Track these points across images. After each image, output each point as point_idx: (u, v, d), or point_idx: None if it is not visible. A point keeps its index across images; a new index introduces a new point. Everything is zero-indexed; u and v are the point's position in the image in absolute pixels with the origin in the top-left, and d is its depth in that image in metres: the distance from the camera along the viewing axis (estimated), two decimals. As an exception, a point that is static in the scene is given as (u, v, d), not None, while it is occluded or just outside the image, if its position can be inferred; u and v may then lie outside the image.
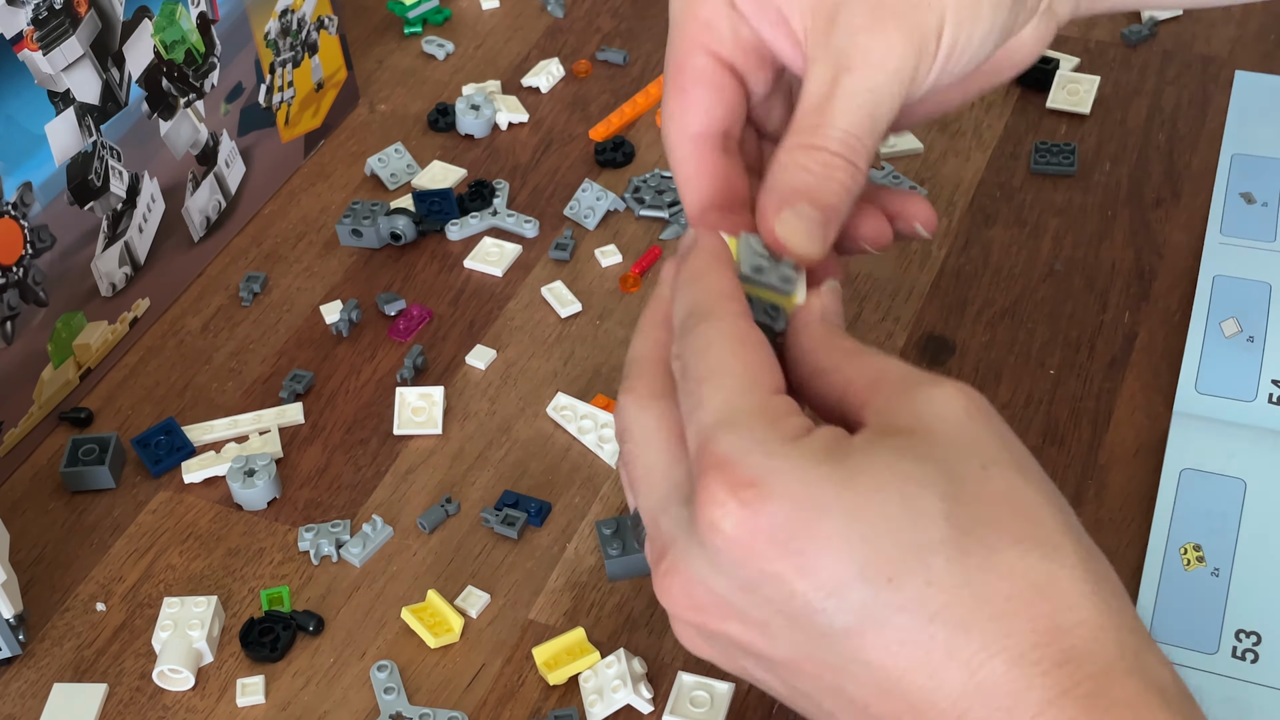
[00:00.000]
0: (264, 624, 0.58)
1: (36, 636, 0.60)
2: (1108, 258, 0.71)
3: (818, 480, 0.40)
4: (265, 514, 0.63)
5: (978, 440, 0.42)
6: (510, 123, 0.81)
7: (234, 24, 0.73)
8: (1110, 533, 0.59)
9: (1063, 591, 0.40)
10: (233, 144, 0.75)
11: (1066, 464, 0.62)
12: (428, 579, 0.60)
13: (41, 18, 0.61)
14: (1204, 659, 0.54)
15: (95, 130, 0.65)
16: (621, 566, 0.57)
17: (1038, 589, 0.39)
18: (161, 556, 0.62)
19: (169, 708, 0.57)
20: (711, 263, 0.47)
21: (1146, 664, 0.39)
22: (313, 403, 0.68)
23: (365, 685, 0.57)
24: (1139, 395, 0.64)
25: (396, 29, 0.90)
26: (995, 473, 0.41)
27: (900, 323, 0.68)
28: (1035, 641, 0.39)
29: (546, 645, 0.56)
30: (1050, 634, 0.39)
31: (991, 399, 0.64)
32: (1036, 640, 0.39)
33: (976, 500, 0.41)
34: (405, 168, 0.79)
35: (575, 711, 0.55)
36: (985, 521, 0.40)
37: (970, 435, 0.42)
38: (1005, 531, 0.40)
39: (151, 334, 0.72)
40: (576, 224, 0.75)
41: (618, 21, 0.89)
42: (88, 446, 0.65)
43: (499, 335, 0.70)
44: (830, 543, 0.40)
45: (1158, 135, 0.77)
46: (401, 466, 0.65)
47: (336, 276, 0.74)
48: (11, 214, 0.62)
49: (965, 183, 0.75)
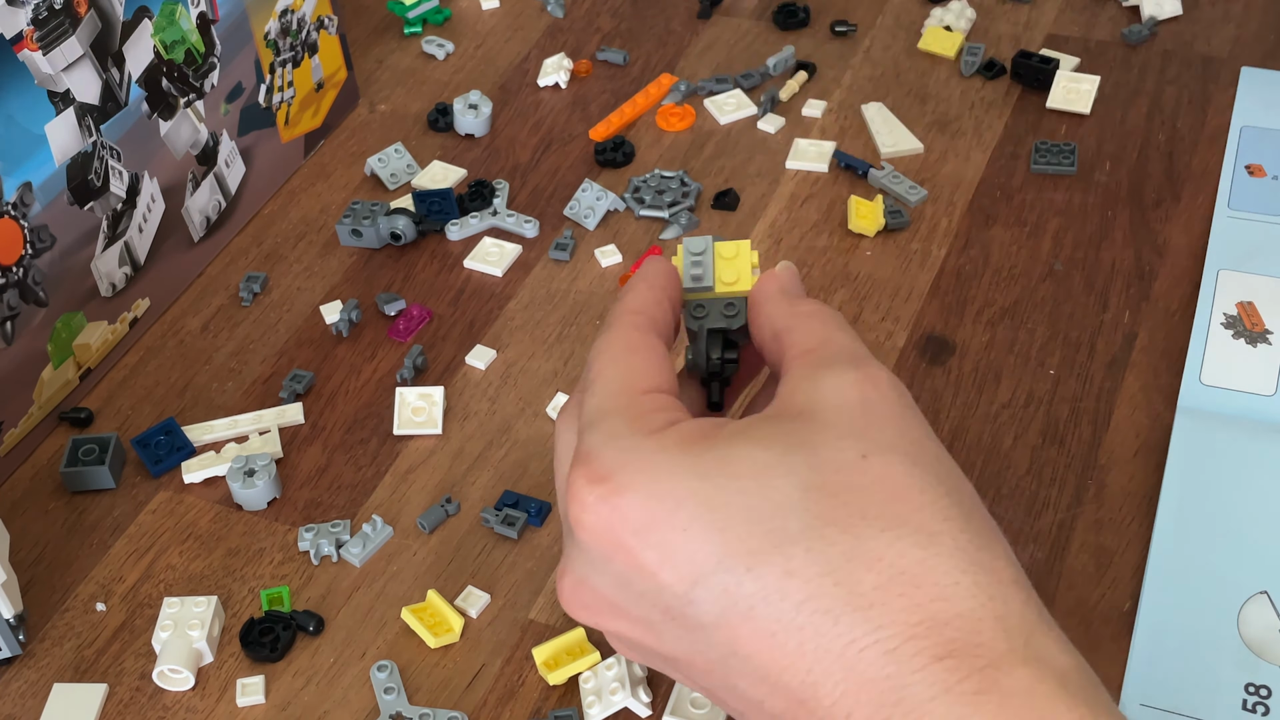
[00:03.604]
0: (264, 624, 0.58)
1: (36, 636, 0.60)
2: (1108, 258, 0.71)
3: (672, 471, 0.41)
4: (265, 514, 0.63)
5: (867, 428, 0.42)
6: None
7: (234, 24, 0.73)
8: (1110, 533, 0.59)
9: (936, 581, 0.38)
10: (233, 144, 0.75)
11: (1066, 464, 0.62)
12: (428, 579, 0.60)
13: (41, 18, 0.61)
14: (1204, 659, 0.54)
15: (95, 130, 0.65)
16: None
17: (908, 578, 0.38)
18: (161, 556, 0.62)
19: (169, 708, 0.57)
20: (635, 281, 0.49)
21: (1041, 651, 0.38)
22: (313, 403, 0.68)
23: (365, 685, 0.57)
24: (1139, 395, 0.64)
25: (396, 29, 0.90)
26: (876, 460, 0.41)
27: (900, 323, 0.68)
28: (910, 634, 0.38)
29: (546, 645, 0.56)
30: (926, 625, 0.38)
31: (991, 399, 0.64)
32: (912, 632, 0.38)
33: (846, 489, 0.40)
34: (405, 168, 0.79)
35: (575, 712, 0.55)
36: (852, 510, 0.39)
37: (859, 423, 0.42)
38: (873, 520, 0.39)
39: (151, 334, 0.72)
40: (576, 224, 0.75)
41: (618, 21, 0.89)
42: (88, 446, 0.65)
43: (499, 335, 0.70)
44: (687, 533, 0.40)
45: (1158, 135, 0.77)
46: (401, 466, 0.65)
47: (336, 276, 0.74)
48: (11, 214, 0.62)
49: (965, 183, 0.75)
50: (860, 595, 0.38)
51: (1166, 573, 0.56)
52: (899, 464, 0.41)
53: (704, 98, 0.82)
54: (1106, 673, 0.54)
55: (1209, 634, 0.54)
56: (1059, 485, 0.61)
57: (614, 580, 0.42)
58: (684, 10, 0.89)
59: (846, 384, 0.43)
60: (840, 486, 0.40)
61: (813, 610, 0.38)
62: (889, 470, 0.41)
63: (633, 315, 0.47)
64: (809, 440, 0.41)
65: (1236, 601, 0.55)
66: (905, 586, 0.38)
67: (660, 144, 0.79)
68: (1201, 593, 0.55)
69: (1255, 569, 0.56)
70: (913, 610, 0.38)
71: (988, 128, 0.78)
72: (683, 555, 0.40)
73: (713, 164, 0.78)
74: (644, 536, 0.40)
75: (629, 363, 0.45)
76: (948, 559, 0.39)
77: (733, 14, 0.88)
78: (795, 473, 0.40)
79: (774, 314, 0.48)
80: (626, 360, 0.45)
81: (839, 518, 0.39)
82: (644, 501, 0.40)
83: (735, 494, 0.40)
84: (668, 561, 0.40)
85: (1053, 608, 0.56)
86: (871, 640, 0.38)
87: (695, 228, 0.74)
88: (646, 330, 0.47)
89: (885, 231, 0.73)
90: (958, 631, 0.38)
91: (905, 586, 0.38)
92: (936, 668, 0.37)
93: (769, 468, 0.40)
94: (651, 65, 0.85)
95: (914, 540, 0.39)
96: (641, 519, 0.40)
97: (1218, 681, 0.53)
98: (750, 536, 0.39)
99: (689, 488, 0.40)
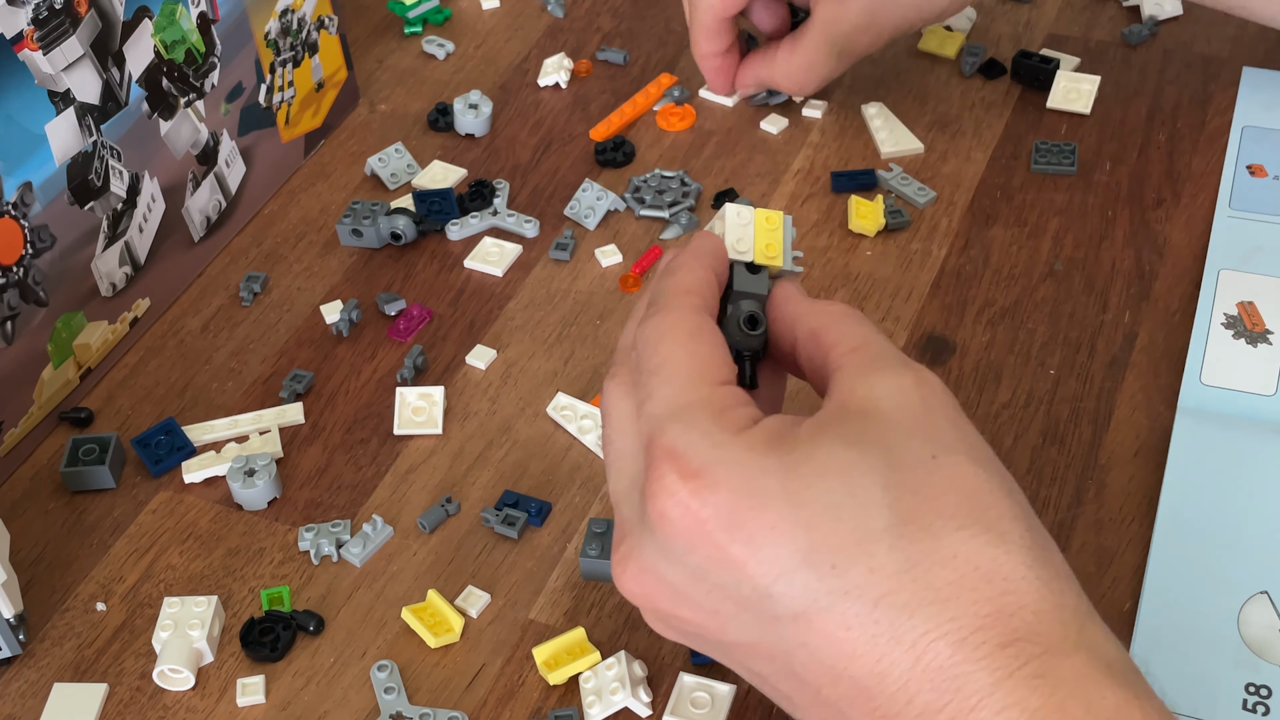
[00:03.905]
0: (264, 624, 0.58)
1: (36, 636, 0.60)
2: (1108, 258, 0.71)
3: (762, 470, 0.42)
4: (265, 514, 0.63)
5: (931, 428, 0.43)
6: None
7: (234, 24, 0.73)
8: (1110, 533, 0.59)
9: (1006, 576, 0.40)
10: (233, 144, 0.75)
11: (1066, 464, 0.62)
12: (428, 579, 0.60)
13: (41, 18, 0.61)
14: (1204, 659, 0.54)
15: (95, 130, 0.65)
16: (594, 567, 0.58)
17: (981, 574, 0.40)
18: (161, 556, 0.62)
19: (169, 708, 0.57)
20: (689, 259, 0.49)
21: (1092, 640, 0.40)
22: (313, 403, 0.68)
23: (365, 685, 0.57)
24: (1139, 395, 0.64)
25: (396, 29, 0.90)
26: (945, 460, 0.42)
27: (900, 323, 0.68)
28: (979, 625, 0.39)
29: (547, 645, 0.56)
30: (994, 617, 0.40)
31: (991, 399, 0.64)
32: (980, 623, 0.39)
33: (922, 488, 0.41)
34: (405, 167, 0.79)
35: (575, 712, 0.55)
36: (930, 508, 0.41)
37: (924, 423, 0.43)
38: (950, 518, 0.41)
39: (151, 334, 0.72)
40: (576, 224, 0.75)
41: (618, 21, 0.89)
42: (88, 446, 0.65)
43: (499, 335, 0.70)
44: (774, 530, 0.41)
45: (1158, 135, 0.77)
46: (401, 466, 0.65)
47: (336, 276, 0.74)
48: (11, 214, 0.62)
49: (965, 182, 0.75)
50: (936, 590, 0.40)
51: (1166, 573, 0.56)
52: (966, 464, 0.43)
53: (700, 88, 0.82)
54: (1107, 673, 0.54)
55: (1209, 634, 0.54)
56: (1059, 485, 0.61)
57: (690, 571, 0.43)
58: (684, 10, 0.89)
59: (906, 384, 0.44)
60: (916, 485, 0.42)
61: (890, 605, 0.40)
62: (958, 470, 0.42)
63: (690, 296, 0.47)
64: (882, 438, 0.43)
65: (1236, 601, 0.55)
66: (978, 581, 0.40)
67: (660, 144, 0.79)
68: (1201, 593, 0.55)
69: (1255, 569, 0.56)
70: (984, 603, 0.40)
71: (988, 128, 0.78)
72: (769, 551, 0.41)
73: (713, 164, 0.78)
74: (733, 532, 0.41)
75: (696, 350, 0.45)
76: (1016, 555, 0.41)
77: (733, 14, 0.88)
78: (875, 470, 0.42)
79: (804, 312, 0.48)
80: (692, 347, 0.45)
81: (918, 515, 0.41)
82: (734, 499, 0.41)
83: (821, 492, 0.41)
84: (754, 557, 0.41)
85: (1053, 608, 0.57)
86: (942, 631, 0.40)
87: (695, 228, 0.74)
88: (704, 314, 0.47)
89: (885, 231, 0.73)
90: (1021, 622, 0.40)
91: (978, 581, 0.40)
92: (1000, 655, 0.39)
93: (852, 466, 0.42)
94: (651, 65, 0.85)
95: (987, 539, 0.41)
96: (732, 515, 0.41)
97: (1218, 681, 0.53)
98: (835, 534, 0.41)
99: (777, 486, 0.41)
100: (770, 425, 0.44)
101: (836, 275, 0.71)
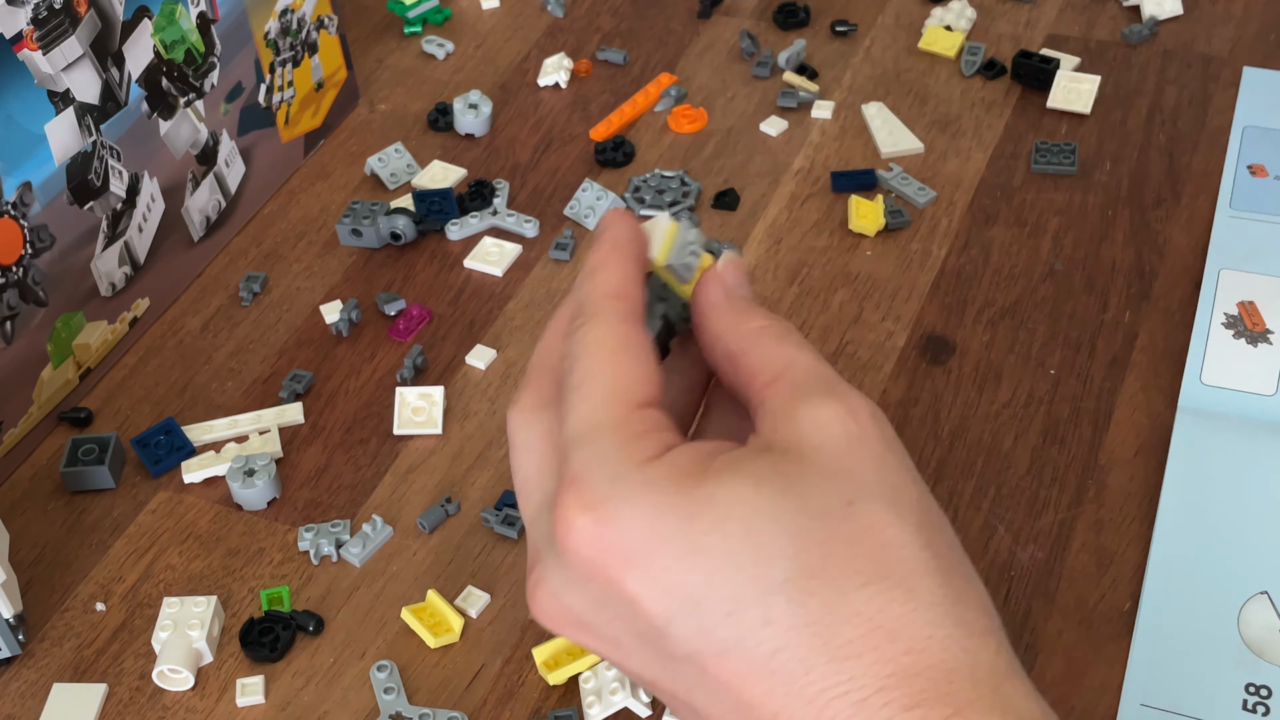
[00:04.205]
0: (264, 624, 0.58)
1: (36, 636, 0.60)
2: (1108, 257, 0.71)
3: (660, 509, 0.40)
4: (265, 514, 0.63)
5: (853, 469, 0.41)
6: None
7: (234, 24, 0.73)
8: (1110, 533, 0.59)
9: (912, 635, 0.39)
10: (233, 144, 0.75)
11: (1066, 464, 0.62)
12: (428, 579, 0.60)
13: (41, 17, 0.61)
14: (1204, 659, 0.54)
15: (95, 130, 0.65)
16: None
17: (884, 633, 0.39)
18: (161, 556, 0.62)
19: (169, 708, 0.57)
20: (609, 255, 0.46)
21: (1008, 700, 0.39)
22: (313, 403, 0.68)
23: (365, 685, 0.57)
24: (1139, 395, 0.64)
25: (396, 29, 0.90)
26: (861, 509, 0.40)
27: (900, 323, 0.68)
28: (880, 685, 0.38)
29: (546, 645, 0.56)
30: (897, 677, 0.38)
31: (991, 399, 0.64)
32: (882, 684, 0.38)
33: (831, 539, 0.40)
34: (405, 167, 0.79)
35: (575, 712, 0.55)
36: (836, 562, 0.39)
37: (845, 465, 0.41)
38: (856, 573, 0.39)
39: (151, 334, 0.72)
40: (576, 224, 0.75)
41: (618, 21, 0.89)
42: (87, 446, 0.65)
43: (499, 335, 0.70)
44: (668, 572, 0.40)
45: (1158, 135, 0.77)
46: (401, 466, 0.65)
47: (336, 276, 0.74)
48: (11, 214, 0.62)
49: (966, 182, 0.75)
50: (835, 648, 0.38)
51: (1166, 573, 0.56)
52: (883, 513, 0.41)
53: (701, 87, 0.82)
54: (1106, 673, 0.54)
55: (1209, 634, 0.54)
56: (1059, 485, 0.61)
57: (590, 600, 0.42)
58: (684, 10, 0.89)
59: (830, 417, 0.42)
60: (825, 536, 0.40)
61: (786, 659, 0.39)
62: (875, 520, 0.40)
63: (616, 302, 0.45)
64: (798, 482, 0.41)
65: (1236, 601, 0.55)
66: (881, 640, 0.39)
67: (660, 144, 0.79)
68: (1201, 593, 0.55)
69: (1255, 569, 0.56)
70: (886, 663, 0.38)
71: (988, 128, 0.78)
72: (663, 591, 0.40)
73: (713, 164, 0.78)
74: (628, 570, 0.40)
75: (621, 365, 0.43)
76: (924, 613, 0.39)
77: (733, 14, 0.88)
78: (782, 519, 0.40)
79: (724, 332, 0.46)
80: (616, 363, 0.43)
81: (822, 569, 0.39)
82: (630, 536, 0.40)
83: (720, 538, 0.40)
84: (648, 595, 0.40)
85: (1053, 607, 0.57)
86: (842, 691, 0.38)
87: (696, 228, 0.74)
88: (633, 321, 0.45)
89: (885, 231, 0.73)
90: (928, 682, 0.38)
91: (881, 640, 0.39)
92: (904, 717, 0.38)
93: (758, 512, 0.40)
94: (651, 65, 0.85)
95: (892, 595, 0.39)
96: (627, 551, 0.40)
97: (1218, 681, 0.53)
98: (731, 583, 0.39)
99: (673, 529, 0.40)
100: (681, 458, 0.42)
101: (836, 275, 0.71)
